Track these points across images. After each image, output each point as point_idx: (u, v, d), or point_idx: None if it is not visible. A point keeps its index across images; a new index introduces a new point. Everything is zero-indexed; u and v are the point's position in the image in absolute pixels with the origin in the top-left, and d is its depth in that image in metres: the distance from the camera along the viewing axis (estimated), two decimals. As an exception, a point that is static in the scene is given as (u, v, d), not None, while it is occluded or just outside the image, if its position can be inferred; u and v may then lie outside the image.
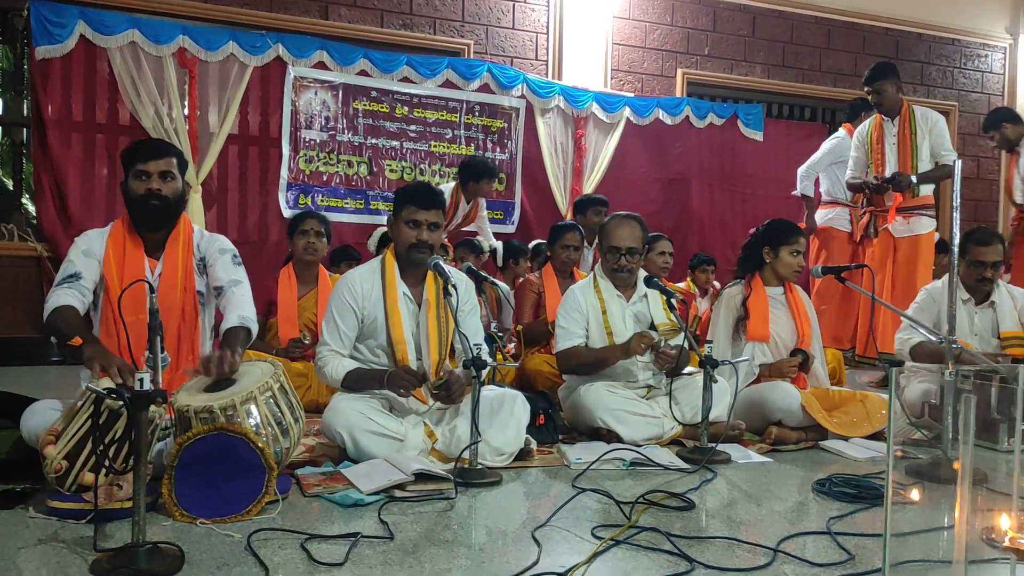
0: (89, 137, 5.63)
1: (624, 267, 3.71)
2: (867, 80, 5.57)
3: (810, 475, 3.08)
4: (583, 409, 3.54)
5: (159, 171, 2.92)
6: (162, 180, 2.93)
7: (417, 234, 3.18)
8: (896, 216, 5.52)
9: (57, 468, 2.33)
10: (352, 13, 6.43)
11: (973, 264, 4.09)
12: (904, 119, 5.50)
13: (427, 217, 3.18)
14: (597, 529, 2.37)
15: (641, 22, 7.43)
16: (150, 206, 2.92)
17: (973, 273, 4.11)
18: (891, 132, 5.55)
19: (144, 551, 1.98)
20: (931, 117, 5.51)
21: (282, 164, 6.08)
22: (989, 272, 4.09)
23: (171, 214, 2.98)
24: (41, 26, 5.39)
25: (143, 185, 2.91)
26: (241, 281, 3.00)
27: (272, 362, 2.77)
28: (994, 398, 3.86)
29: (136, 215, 2.96)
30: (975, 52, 8.93)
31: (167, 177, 2.94)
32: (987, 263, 4.07)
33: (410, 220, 3.18)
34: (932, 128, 5.46)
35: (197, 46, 5.76)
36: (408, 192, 3.26)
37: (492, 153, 6.77)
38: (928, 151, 5.46)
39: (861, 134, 5.74)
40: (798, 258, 4.00)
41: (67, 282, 2.84)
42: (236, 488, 2.37)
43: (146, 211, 2.93)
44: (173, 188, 2.96)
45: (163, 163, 2.93)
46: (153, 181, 2.91)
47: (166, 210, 2.95)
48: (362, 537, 2.24)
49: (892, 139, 5.54)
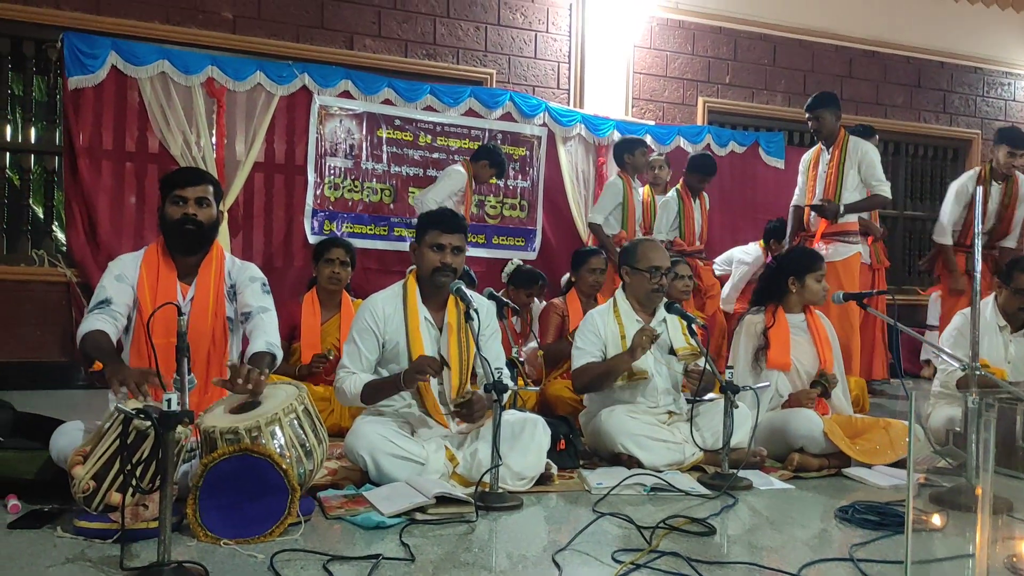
0: (119, 165, 5.74)
1: (663, 287, 3.78)
2: (808, 107, 5.66)
3: (832, 502, 3.07)
4: (604, 434, 3.54)
5: (196, 197, 3.01)
6: (198, 206, 3.01)
7: (441, 257, 3.21)
8: (819, 242, 5.56)
9: (85, 488, 2.37)
10: (377, 44, 6.54)
11: (1018, 292, 4.10)
12: (837, 148, 5.56)
13: (451, 241, 3.22)
14: (617, 553, 2.37)
15: (662, 51, 7.49)
16: (185, 230, 3.00)
17: (1017, 301, 4.12)
18: (824, 160, 5.63)
19: (169, 570, 2.01)
20: (861, 148, 5.57)
21: (307, 191, 6.16)
22: None
23: (205, 240, 3.06)
24: (74, 57, 5.52)
25: (180, 210, 3.00)
26: (269, 309, 3.08)
27: (296, 385, 2.81)
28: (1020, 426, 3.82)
29: (171, 239, 3.04)
30: (998, 80, 8.92)
31: (203, 203, 3.02)
32: None
33: (434, 244, 3.22)
34: (862, 159, 5.51)
35: (225, 76, 5.87)
36: (432, 216, 3.31)
37: (514, 181, 6.83)
38: (855, 180, 5.50)
39: (804, 162, 5.82)
40: (823, 283, 4.01)
41: (98, 308, 2.91)
42: (259, 509, 2.40)
43: (181, 235, 3.01)
44: (208, 215, 3.04)
45: (200, 189, 3.02)
46: (190, 206, 3.00)
47: (200, 235, 3.03)
48: (383, 559, 2.26)
49: (824, 167, 5.62)
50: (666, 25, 7.50)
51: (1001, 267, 4.96)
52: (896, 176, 8.74)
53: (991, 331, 4.16)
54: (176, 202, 3.01)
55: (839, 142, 5.56)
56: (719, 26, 7.68)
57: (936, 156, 8.91)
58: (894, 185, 8.68)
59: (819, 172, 5.63)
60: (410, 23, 6.62)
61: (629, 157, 6.12)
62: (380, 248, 6.37)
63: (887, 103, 8.41)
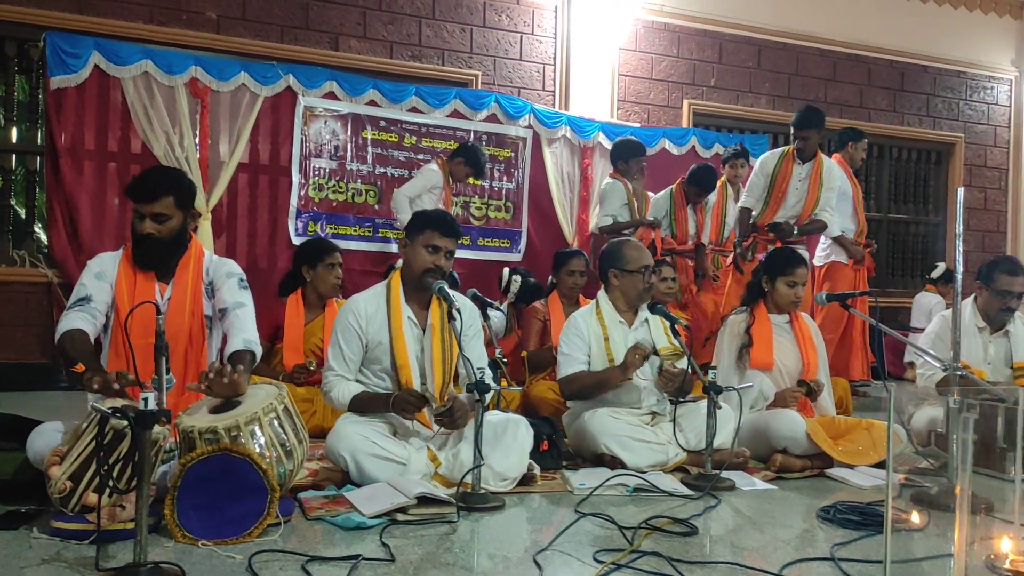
0: (101, 165, 5.69)
1: (652, 286, 3.86)
2: (797, 124, 5.70)
3: (815, 503, 3.07)
4: (587, 435, 3.54)
5: (152, 214, 2.93)
6: (156, 222, 2.94)
7: (435, 259, 3.20)
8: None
9: (61, 488, 2.35)
10: (362, 45, 6.52)
11: (1000, 293, 4.12)
12: (816, 166, 5.66)
13: (447, 244, 3.22)
14: (599, 553, 2.36)
15: (647, 54, 7.51)
16: (144, 247, 2.96)
17: (998, 302, 4.14)
18: (800, 175, 5.70)
19: (145, 571, 1.99)
20: (834, 173, 5.72)
21: (292, 192, 6.13)
22: (1014, 302, 4.12)
23: (169, 251, 3.00)
24: (56, 56, 5.48)
25: (140, 225, 2.95)
26: (245, 304, 3.03)
27: (277, 384, 2.79)
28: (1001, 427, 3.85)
29: (135, 252, 3.00)
30: (981, 84, 8.98)
31: (160, 219, 2.94)
32: (1014, 293, 4.11)
33: (430, 245, 3.21)
34: (830, 184, 5.66)
35: (209, 76, 5.84)
36: (431, 218, 3.29)
37: (499, 182, 6.82)
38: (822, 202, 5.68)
39: (766, 166, 5.84)
40: (795, 289, 3.99)
41: (78, 305, 2.88)
42: (238, 509, 2.37)
43: (141, 250, 2.97)
44: (169, 228, 2.97)
45: (157, 206, 2.93)
46: (147, 224, 2.93)
47: (161, 250, 2.98)
48: (363, 559, 2.24)
49: (800, 182, 5.70)
50: (651, 27, 7.52)
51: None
52: (880, 179, 8.80)
53: (970, 333, 4.18)
54: (138, 215, 2.95)
55: (817, 160, 5.66)
56: (704, 29, 7.71)
57: (920, 159, 8.96)
58: (878, 188, 8.76)
59: (792, 186, 5.70)
60: (395, 24, 6.61)
61: (623, 164, 6.08)
62: (365, 249, 6.35)
63: (871, 106, 8.46)
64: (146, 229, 2.93)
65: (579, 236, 6.89)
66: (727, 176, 6.46)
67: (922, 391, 4.28)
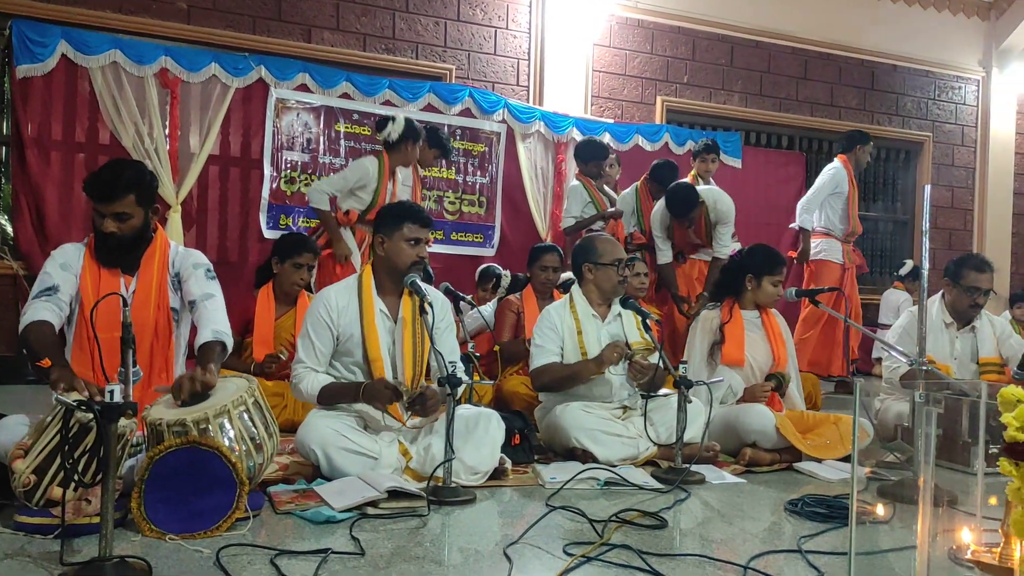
0: (68, 156, 5.62)
1: (626, 279, 3.86)
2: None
3: (783, 496, 3.10)
4: (559, 429, 3.54)
5: (112, 213, 2.88)
6: (117, 221, 2.89)
7: (418, 251, 3.22)
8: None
9: (25, 483, 2.31)
10: (335, 37, 6.48)
11: (969, 290, 4.16)
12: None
13: (426, 236, 3.25)
14: (569, 546, 2.37)
15: (621, 50, 7.53)
16: (107, 246, 2.91)
17: (966, 299, 4.18)
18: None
19: (110, 565, 1.97)
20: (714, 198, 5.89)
21: (263, 185, 6.08)
22: (981, 299, 4.17)
23: (129, 249, 2.95)
24: (23, 44, 5.39)
25: (100, 223, 2.89)
26: (214, 295, 2.99)
27: (247, 377, 2.77)
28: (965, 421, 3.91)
29: (98, 249, 2.95)
30: (949, 84, 9.10)
31: (121, 218, 2.89)
32: (981, 289, 4.15)
33: (412, 238, 3.21)
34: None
35: (179, 67, 5.77)
36: (406, 211, 3.28)
37: (473, 177, 6.82)
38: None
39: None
40: (778, 288, 4.05)
41: (44, 295, 2.82)
42: (206, 503, 2.35)
43: (106, 247, 2.92)
44: (131, 226, 2.92)
45: (116, 206, 2.87)
46: (107, 223, 2.88)
47: (123, 248, 2.93)
48: (332, 553, 2.23)
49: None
50: (625, 24, 7.53)
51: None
52: (850, 177, 8.88)
53: (936, 329, 4.23)
54: (98, 214, 2.90)
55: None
56: (678, 26, 7.73)
57: (888, 158, 9.06)
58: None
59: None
60: (369, 17, 6.57)
61: (583, 165, 6.10)
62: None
63: (841, 105, 8.54)
64: (107, 228, 2.88)
65: (552, 231, 6.90)
66: (698, 171, 6.50)
67: (884, 384, 4.34)
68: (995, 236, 9.20)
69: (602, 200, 6.10)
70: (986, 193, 9.20)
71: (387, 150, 5.20)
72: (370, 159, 5.22)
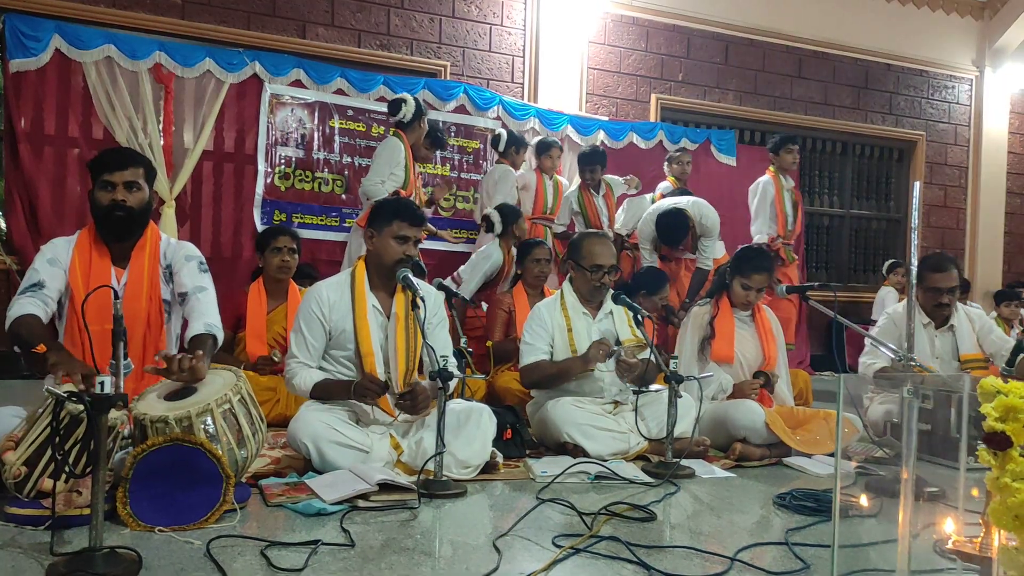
0: (62, 151, 5.61)
1: (606, 285, 3.79)
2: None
3: (772, 490, 3.12)
4: (550, 424, 3.56)
5: (124, 181, 2.90)
6: (127, 191, 2.91)
7: (405, 249, 3.22)
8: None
9: (16, 474, 2.32)
10: (329, 33, 6.48)
11: (930, 291, 4.15)
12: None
13: (415, 234, 3.25)
14: (558, 538, 2.38)
15: (616, 47, 7.55)
16: (115, 217, 2.90)
17: (930, 299, 4.17)
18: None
19: (101, 555, 1.97)
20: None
21: (257, 180, 6.09)
22: (945, 298, 4.16)
23: (136, 224, 2.96)
24: (16, 39, 5.38)
25: (108, 195, 2.89)
26: (206, 288, 3.00)
27: (235, 372, 2.75)
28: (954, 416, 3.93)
29: (101, 226, 2.95)
30: (942, 83, 9.14)
31: (132, 188, 2.92)
32: (943, 289, 4.13)
33: (400, 235, 3.21)
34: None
35: (173, 62, 5.77)
36: (397, 208, 3.29)
37: (467, 174, 6.83)
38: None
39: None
40: (748, 293, 4.01)
41: (31, 291, 2.82)
42: (193, 497, 2.36)
43: (111, 222, 2.92)
44: (139, 198, 2.94)
45: (128, 173, 2.91)
46: (118, 192, 2.89)
47: (130, 221, 2.93)
48: (323, 544, 2.24)
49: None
50: (620, 21, 7.55)
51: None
52: (843, 176, 8.92)
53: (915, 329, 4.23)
54: (105, 187, 2.90)
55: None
56: (672, 24, 7.76)
57: (882, 156, 9.10)
58: (841, 185, 8.89)
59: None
60: (364, 13, 6.58)
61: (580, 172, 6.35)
62: (331, 239, 6.31)
63: (835, 103, 8.58)
64: (119, 196, 2.88)
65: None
66: (674, 174, 6.54)
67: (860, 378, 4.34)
68: (987, 235, 9.25)
69: (594, 210, 6.13)
70: (979, 192, 9.25)
71: (403, 130, 5.38)
72: (394, 140, 5.37)
